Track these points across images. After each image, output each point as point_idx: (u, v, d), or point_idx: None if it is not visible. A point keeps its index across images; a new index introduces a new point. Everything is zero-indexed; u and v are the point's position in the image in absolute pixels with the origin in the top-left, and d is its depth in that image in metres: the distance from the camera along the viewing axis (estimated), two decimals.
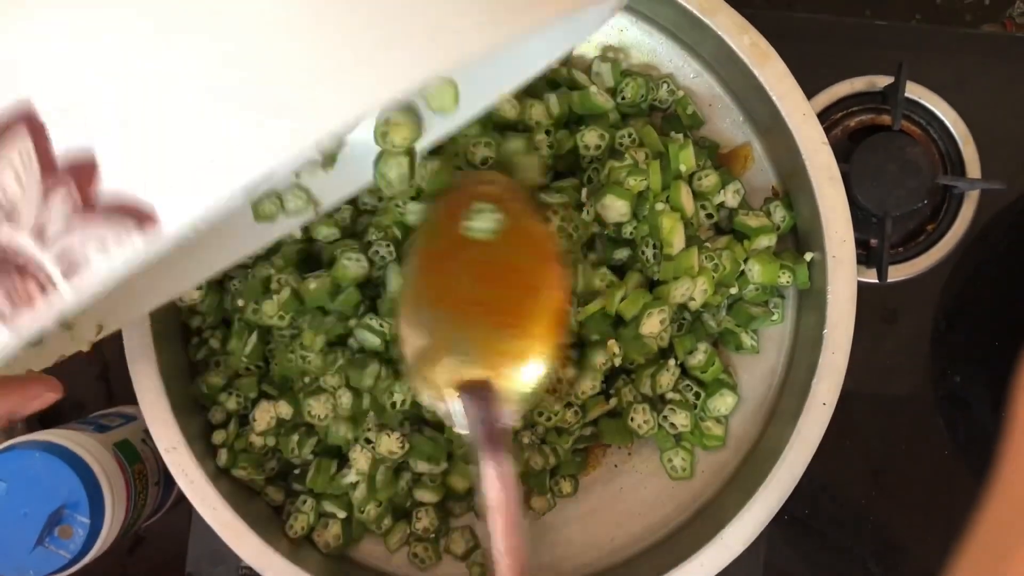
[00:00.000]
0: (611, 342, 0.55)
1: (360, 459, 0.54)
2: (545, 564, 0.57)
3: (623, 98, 0.57)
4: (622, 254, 0.55)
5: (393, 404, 0.54)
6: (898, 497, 0.66)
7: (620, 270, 0.56)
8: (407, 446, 0.54)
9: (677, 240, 0.53)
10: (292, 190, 0.49)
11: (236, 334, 0.55)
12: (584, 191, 0.55)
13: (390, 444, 0.53)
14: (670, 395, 0.57)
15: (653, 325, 0.53)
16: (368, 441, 0.54)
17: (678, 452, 0.57)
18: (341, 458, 0.56)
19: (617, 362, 0.55)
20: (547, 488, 0.57)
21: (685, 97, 0.58)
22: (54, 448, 0.53)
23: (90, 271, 0.27)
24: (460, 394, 0.44)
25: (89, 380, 0.68)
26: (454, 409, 0.44)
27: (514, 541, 0.43)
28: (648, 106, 0.58)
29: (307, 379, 0.55)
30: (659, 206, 0.54)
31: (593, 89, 0.56)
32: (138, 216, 0.26)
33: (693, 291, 0.53)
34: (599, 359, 0.55)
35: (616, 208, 0.53)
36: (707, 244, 0.55)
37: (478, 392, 0.44)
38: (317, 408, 0.54)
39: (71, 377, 0.66)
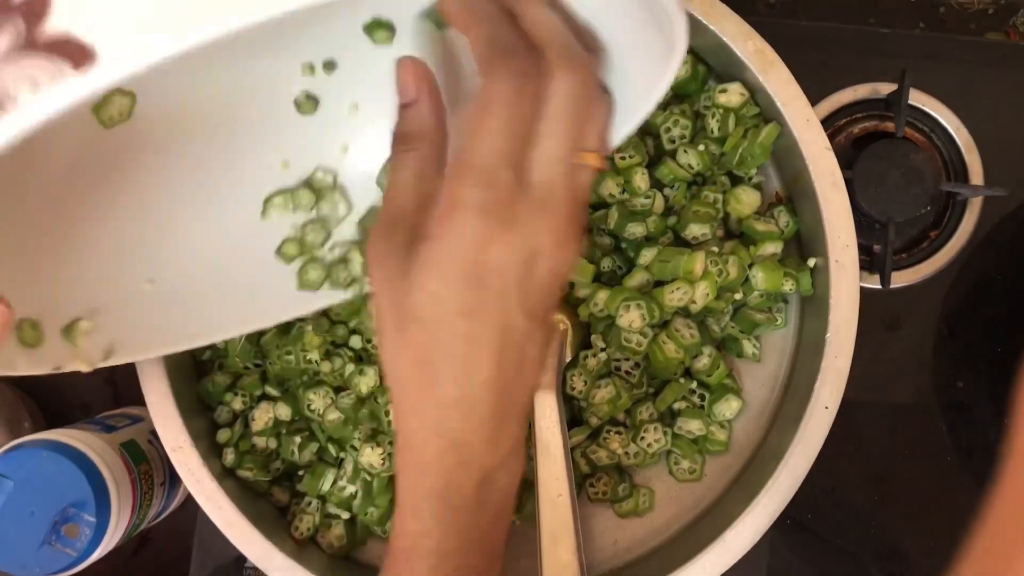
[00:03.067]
0: (593, 336, 0.55)
1: (349, 467, 0.55)
2: None
3: None
4: (637, 229, 0.55)
5: (389, 423, 0.54)
6: (901, 503, 0.66)
7: (621, 253, 0.57)
8: (388, 464, 0.54)
9: (748, 206, 0.56)
10: (339, 264, 0.50)
11: None
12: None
13: (372, 458, 0.54)
14: (678, 405, 0.57)
15: (632, 319, 0.53)
16: (354, 448, 0.55)
17: (687, 454, 0.57)
18: (341, 464, 0.56)
19: (603, 357, 0.55)
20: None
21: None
22: (61, 447, 0.53)
23: (17, 109, 0.27)
24: None
25: (96, 382, 0.68)
26: None
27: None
28: (664, 104, 0.58)
29: (305, 377, 0.55)
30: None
31: None
32: (77, 56, 0.26)
33: (693, 295, 0.53)
34: (590, 360, 0.55)
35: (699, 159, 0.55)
36: (714, 248, 0.55)
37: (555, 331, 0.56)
38: (316, 402, 0.55)
39: (78, 379, 0.67)
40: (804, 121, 0.54)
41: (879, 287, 0.64)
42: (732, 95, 0.56)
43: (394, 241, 0.37)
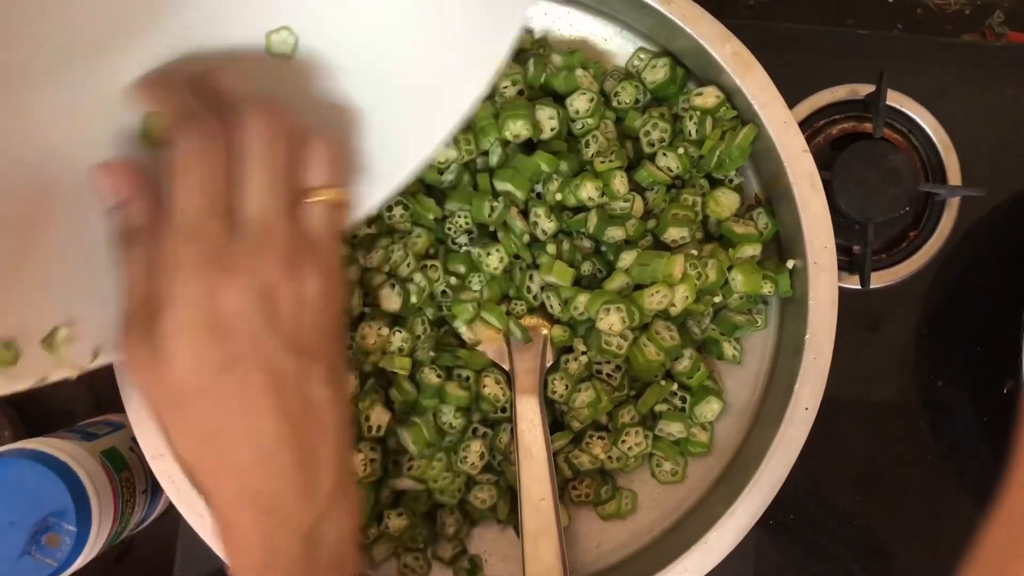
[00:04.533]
0: (576, 340, 0.56)
1: None
2: None
3: (620, 102, 0.58)
4: (616, 233, 0.55)
5: (369, 428, 0.54)
6: (883, 502, 0.66)
7: (601, 256, 0.57)
8: (370, 470, 0.54)
9: (727, 208, 0.56)
10: None
11: None
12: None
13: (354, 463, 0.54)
14: (659, 407, 0.57)
15: (612, 322, 0.53)
16: None
17: (669, 456, 0.57)
18: None
19: (583, 360, 0.55)
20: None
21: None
22: (41, 456, 0.53)
23: None
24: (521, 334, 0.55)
25: (77, 389, 0.68)
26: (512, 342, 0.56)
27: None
28: (643, 107, 0.59)
29: None
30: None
31: (580, 72, 0.57)
32: None
33: (673, 298, 0.53)
34: (571, 364, 0.55)
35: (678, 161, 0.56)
36: (693, 252, 0.55)
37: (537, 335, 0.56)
38: None
39: (58, 386, 0.67)
40: (782, 123, 0.54)
41: (859, 287, 0.64)
42: (708, 97, 0.56)
43: (136, 331, 0.37)
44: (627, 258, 0.54)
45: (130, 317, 0.37)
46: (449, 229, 0.56)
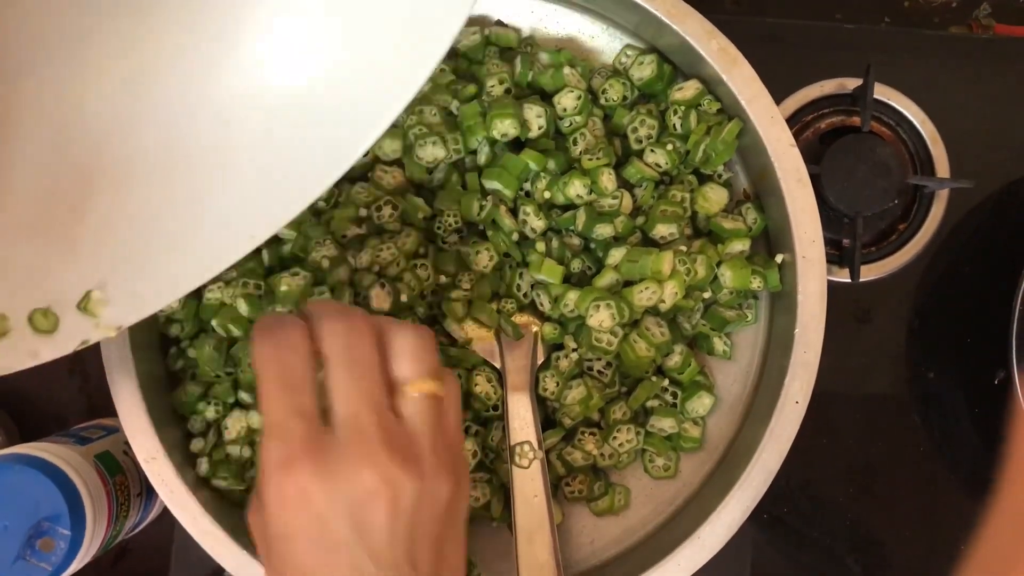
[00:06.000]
0: (566, 337, 0.56)
1: None
2: None
3: (607, 99, 0.58)
4: (605, 230, 0.55)
5: None
6: (875, 494, 0.67)
7: (590, 253, 0.57)
8: None
9: (716, 203, 0.56)
10: None
11: (199, 343, 0.55)
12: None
13: None
14: (650, 403, 0.57)
15: (602, 319, 0.53)
16: None
17: (661, 452, 0.57)
18: None
19: (574, 357, 0.55)
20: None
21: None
22: (34, 461, 0.53)
23: None
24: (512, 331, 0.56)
25: (70, 393, 0.68)
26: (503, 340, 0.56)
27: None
28: (631, 104, 0.59)
29: None
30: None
31: (567, 70, 0.57)
32: None
33: (662, 294, 0.53)
34: (562, 362, 0.56)
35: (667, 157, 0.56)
36: (682, 248, 0.55)
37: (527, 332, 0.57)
38: None
39: (52, 391, 0.67)
40: (768, 118, 0.54)
41: (849, 280, 0.64)
42: (688, 90, 0.56)
43: (256, 514, 0.37)
44: (616, 255, 0.55)
45: (255, 497, 0.37)
46: (438, 228, 0.56)
